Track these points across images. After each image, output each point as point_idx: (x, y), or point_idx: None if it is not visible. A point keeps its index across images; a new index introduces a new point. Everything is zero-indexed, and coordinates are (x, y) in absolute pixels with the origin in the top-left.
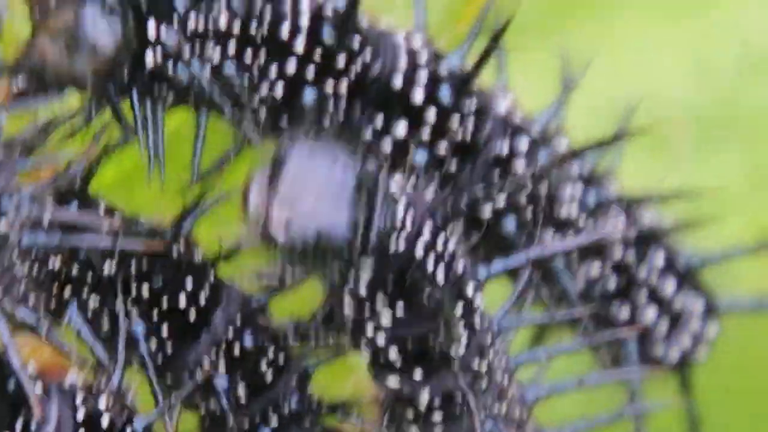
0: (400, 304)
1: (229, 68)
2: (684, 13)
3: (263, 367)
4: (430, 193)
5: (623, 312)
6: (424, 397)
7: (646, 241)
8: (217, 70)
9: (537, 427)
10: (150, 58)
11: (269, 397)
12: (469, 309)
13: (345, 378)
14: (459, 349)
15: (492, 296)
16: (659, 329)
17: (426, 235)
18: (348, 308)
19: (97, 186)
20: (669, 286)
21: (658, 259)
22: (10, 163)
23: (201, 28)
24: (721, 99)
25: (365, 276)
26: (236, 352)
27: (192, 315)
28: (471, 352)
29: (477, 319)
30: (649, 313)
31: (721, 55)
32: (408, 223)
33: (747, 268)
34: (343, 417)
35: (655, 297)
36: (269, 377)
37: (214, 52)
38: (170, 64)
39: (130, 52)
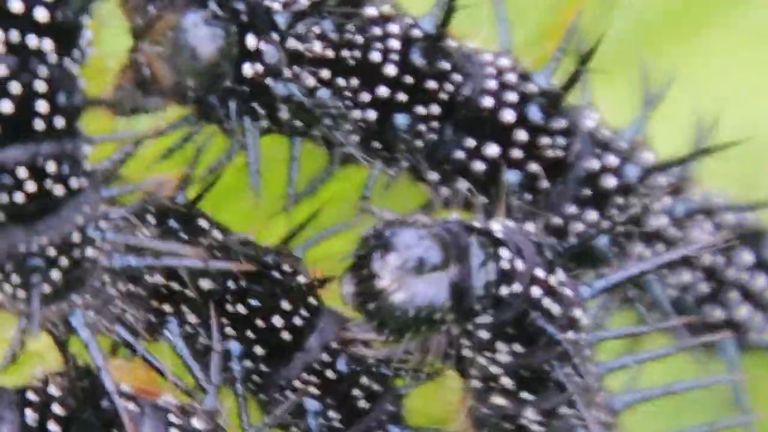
0: (518, 344)
1: (323, 93)
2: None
3: (356, 392)
4: (532, 230)
5: (717, 313)
6: (529, 413)
7: (731, 242)
8: (311, 94)
9: None
10: (248, 70)
11: (363, 423)
12: (577, 330)
13: (436, 397)
14: (567, 369)
15: None
16: (754, 321)
17: (539, 273)
18: (467, 351)
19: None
20: (759, 281)
21: (746, 257)
22: (95, 192)
23: (299, 49)
24: None
25: (483, 332)
26: (330, 375)
27: (286, 336)
28: (576, 367)
29: (581, 336)
30: (743, 311)
31: None
32: (519, 267)
33: None
34: None
35: (746, 294)
36: (362, 403)
37: (309, 76)
38: (269, 79)
39: (231, 61)
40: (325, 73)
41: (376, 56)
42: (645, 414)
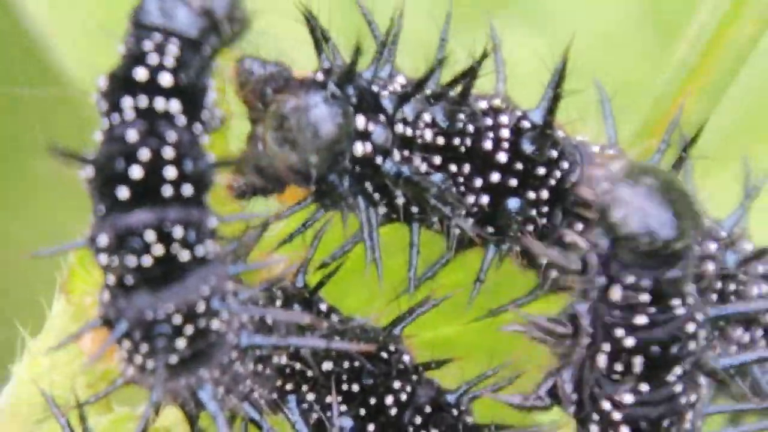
0: (645, 385)
1: (437, 177)
2: None
3: None
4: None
5: None
6: None
7: None
8: (424, 178)
9: None
10: (360, 149)
11: None
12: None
13: None
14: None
15: None
16: None
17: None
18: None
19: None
20: None
21: None
22: (221, 266)
23: (409, 134)
24: None
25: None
26: None
27: (393, 411)
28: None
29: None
30: None
31: None
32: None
33: None
34: None
35: None
36: None
37: (420, 161)
38: (379, 157)
39: (349, 139)
40: (437, 160)
41: (488, 144)
42: None
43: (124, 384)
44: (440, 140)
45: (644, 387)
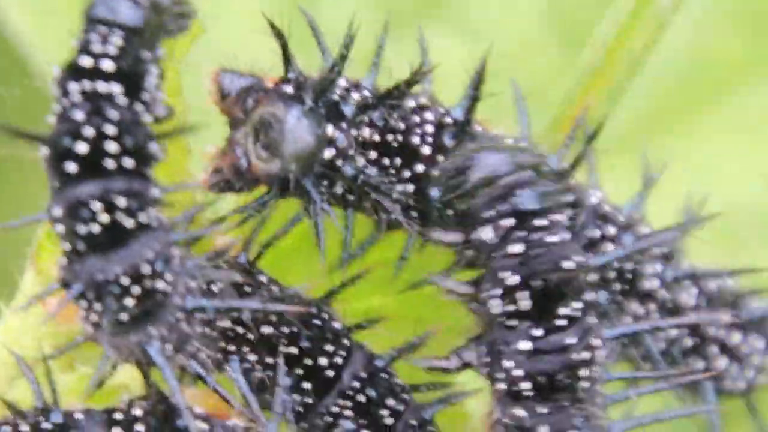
0: (538, 329)
1: (371, 170)
2: (754, 128)
3: (384, 412)
4: None
5: (699, 364)
6: (544, 429)
7: (713, 303)
8: (362, 172)
9: None
10: (327, 154)
11: None
12: (593, 365)
13: (461, 423)
14: (583, 391)
15: None
16: (730, 371)
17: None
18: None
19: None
20: (735, 338)
21: (725, 317)
22: (164, 233)
23: (358, 136)
24: None
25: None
26: (361, 399)
27: (330, 373)
28: (590, 394)
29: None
30: (721, 362)
31: None
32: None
33: None
34: None
35: (725, 349)
36: (389, 420)
37: (359, 157)
38: (339, 161)
39: (324, 147)
40: (373, 155)
41: (415, 139)
42: None
43: (85, 342)
44: (376, 137)
45: (537, 331)
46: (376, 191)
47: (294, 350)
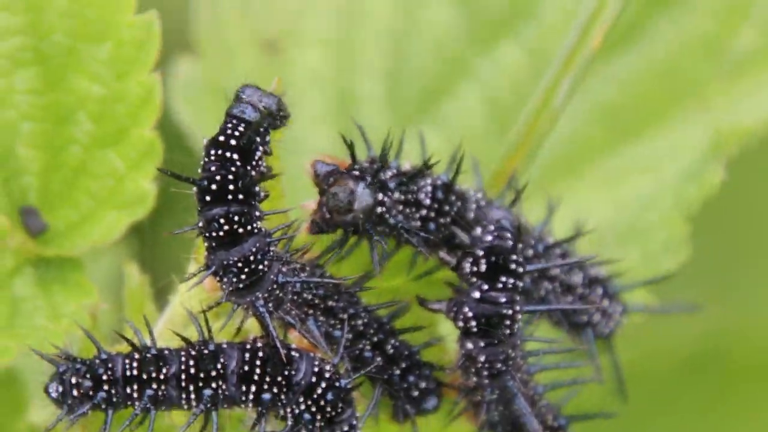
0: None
1: (401, 217)
2: (612, 181)
3: (388, 347)
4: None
5: (584, 317)
6: (481, 358)
7: (592, 282)
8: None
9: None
10: (379, 210)
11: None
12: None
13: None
14: (506, 336)
15: None
16: (600, 323)
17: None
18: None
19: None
20: (605, 303)
21: (599, 291)
22: (264, 237)
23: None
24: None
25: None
26: (375, 340)
27: (361, 327)
28: (514, 336)
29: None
30: (596, 317)
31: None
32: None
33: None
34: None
35: (598, 310)
36: (391, 351)
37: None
38: (386, 214)
39: (377, 206)
40: (400, 207)
41: (422, 195)
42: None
43: (222, 303)
44: (402, 197)
45: (484, 287)
46: (407, 233)
47: (344, 316)
